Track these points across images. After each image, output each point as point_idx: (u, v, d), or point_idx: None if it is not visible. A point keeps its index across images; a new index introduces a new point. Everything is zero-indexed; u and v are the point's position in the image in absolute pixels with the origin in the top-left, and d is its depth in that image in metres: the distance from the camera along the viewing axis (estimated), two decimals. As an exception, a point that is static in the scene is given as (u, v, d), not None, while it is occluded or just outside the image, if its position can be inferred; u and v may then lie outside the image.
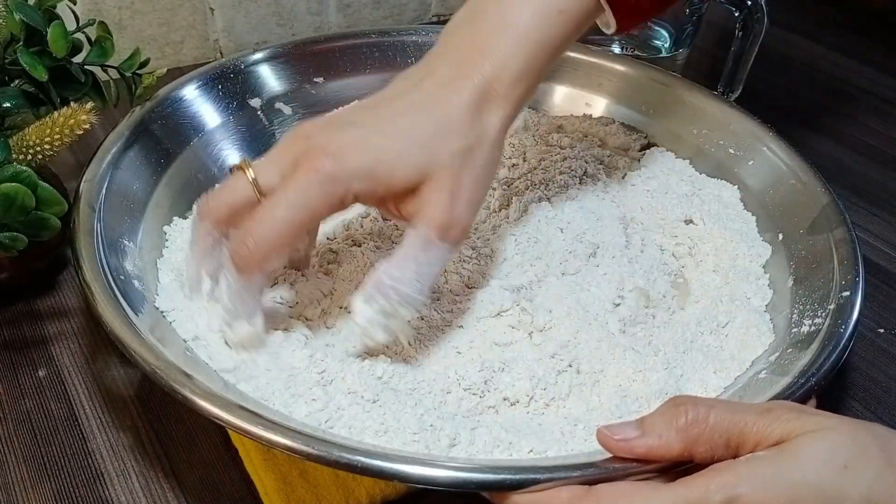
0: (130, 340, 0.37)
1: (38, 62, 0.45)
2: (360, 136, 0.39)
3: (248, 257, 0.37)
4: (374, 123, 0.40)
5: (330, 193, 0.38)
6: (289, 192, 0.37)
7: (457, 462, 0.34)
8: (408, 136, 0.39)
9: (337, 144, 0.38)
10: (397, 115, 0.40)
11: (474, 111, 0.41)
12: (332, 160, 0.38)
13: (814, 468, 0.29)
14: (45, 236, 0.43)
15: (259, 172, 0.39)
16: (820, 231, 0.49)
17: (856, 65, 0.84)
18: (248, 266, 0.38)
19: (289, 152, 0.39)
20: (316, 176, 0.37)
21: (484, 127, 0.41)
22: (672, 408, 0.33)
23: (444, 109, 0.41)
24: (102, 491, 0.40)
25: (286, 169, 0.39)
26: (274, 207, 0.37)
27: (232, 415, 0.34)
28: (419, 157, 0.39)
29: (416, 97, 0.41)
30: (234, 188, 0.39)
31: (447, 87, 0.41)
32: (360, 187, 0.38)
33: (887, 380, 0.49)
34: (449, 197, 0.39)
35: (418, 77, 0.42)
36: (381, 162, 0.39)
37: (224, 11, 0.75)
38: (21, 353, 0.47)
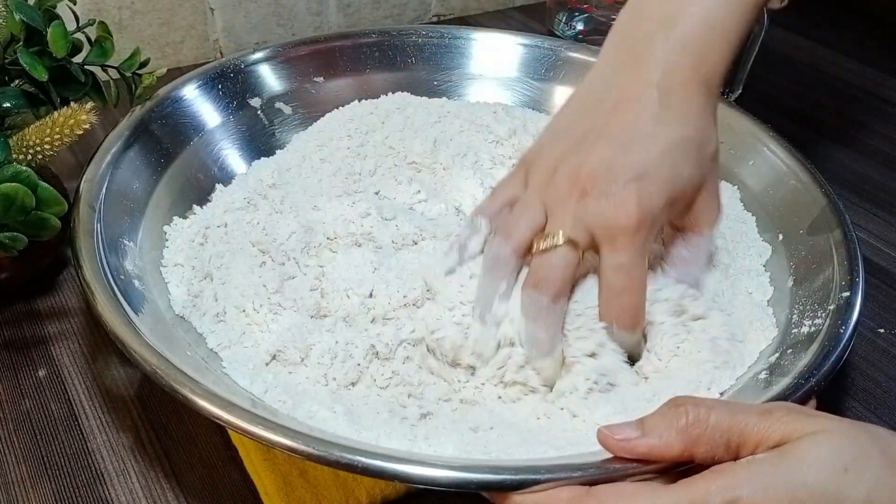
0: (130, 340, 0.37)
1: (38, 62, 0.45)
2: (650, 178, 0.41)
3: (636, 323, 0.41)
4: (648, 159, 0.41)
5: (653, 235, 0.41)
6: (630, 254, 0.40)
7: (457, 462, 0.34)
8: (685, 157, 0.42)
9: (638, 195, 0.40)
10: (667, 138, 0.41)
11: (710, 112, 0.44)
12: (644, 209, 0.40)
13: (814, 471, 0.29)
14: (45, 236, 0.43)
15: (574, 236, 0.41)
16: (820, 231, 0.49)
17: (856, 65, 0.84)
18: (638, 327, 0.42)
19: (593, 211, 0.40)
20: (642, 230, 0.40)
21: (716, 125, 0.44)
22: (673, 408, 0.33)
23: (693, 116, 0.42)
24: (102, 491, 0.40)
25: (599, 229, 0.40)
26: (629, 275, 0.40)
27: (232, 415, 0.34)
28: (698, 175, 0.43)
29: (667, 115, 0.42)
30: (564, 261, 0.41)
31: (686, 95, 0.42)
32: (667, 217, 0.43)
33: (887, 380, 0.49)
34: (714, 199, 0.44)
35: (632, 86, 0.43)
36: (677, 187, 0.41)
37: (224, 11, 0.75)
38: (21, 353, 0.47)
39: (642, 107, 0.42)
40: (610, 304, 0.41)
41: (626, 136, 0.42)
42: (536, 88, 0.64)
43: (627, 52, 0.44)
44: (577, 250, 0.41)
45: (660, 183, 0.40)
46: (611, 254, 0.40)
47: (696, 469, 0.32)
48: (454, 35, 0.65)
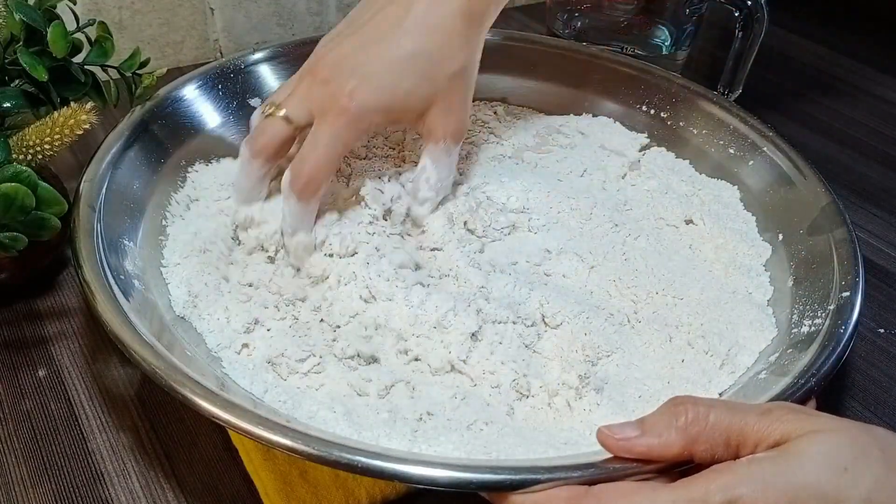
0: (130, 340, 0.37)
1: (38, 62, 0.45)
2: (371, 75, 0.46)
3: (305, 188, 0.45)
4: (378, 58, 0.46)
5: (357, 129, 0.46)
6: (325, 133, 0.45)
7: (457, 462, 0.34)
8: (412, 70, 0.46)
9: (353, 85, 0.45)
10: (396, 45, 0.46)
11: (462, 32, 0.47)
12: (355, 102, 0.45)
13: (814, 470, 0.29)
14: (45, 236, 0.43)
15: (290, 111, 0.47)
16: (820, 231, 0.49)
17: (856, 64, 0.84)
18: (306, 194, 0.45)
19: (311, 94, 0.46)
20: (345, 117, 0.45)
21: (471, 48, 0.48)
22: (672, 407, 0.33)
23: (435, 32, 0.47)
24: (102, 491, 0.40)
25: (315, 109, 0.46)
26: (316, 147, 0.45)
27: (232, 415, 0.34)
28: (425, 89, 0.47)
29: (404, 19, 0.47)
30: (273, 128, 0.47)
31: (434, 7, 0.47)
32: (378, 121, 0.47)
33: (887, 380, 0.49)
34: (455, 115, 0.48)
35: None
36: (396, 98, 0.46)
37: (224, 11, 0.75)
38: (21, 352, 0.47)
39: (394, 11, 0.47)
40: (293, 166, 0.46)
41: (369, 37, 0.47)
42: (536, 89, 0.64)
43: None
44: (291, 125, 0.46)
45: (375, 88, 0.45)
46: (315, 128, 0.46)
47: (696, 469, 0.32)
48: (454, 35, 0.65)
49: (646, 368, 0.44)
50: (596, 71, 0.63)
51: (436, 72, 0.47)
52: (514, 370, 0.42)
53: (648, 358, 0.44)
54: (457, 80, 0.48)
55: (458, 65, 0.47)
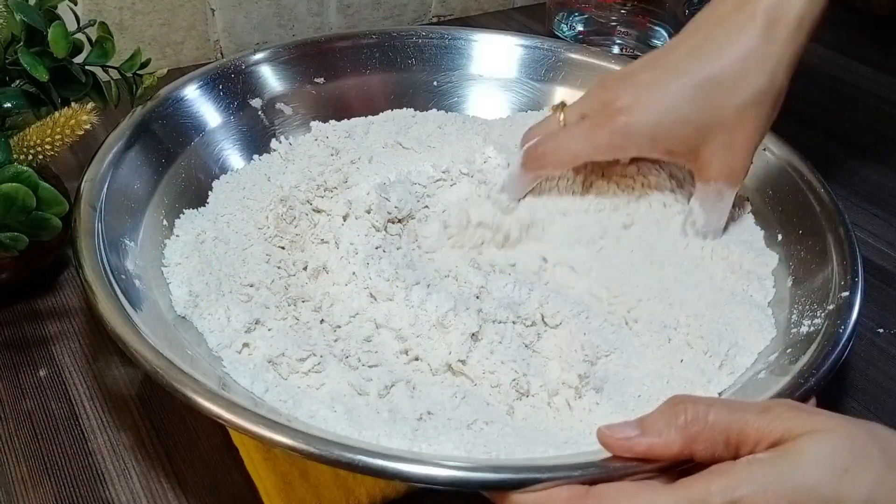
0: (131, 340, 0.37)
1: (38, 62, 0.45)
2: (648, 96, 0.44)
3: (535, 161, 0.47)
4: (663, 83, 0.44)
5: (614, 144, 0.45)
6: (585, 130, 0.46)
7: (457, 461, 0.34)
8: (692, 97, 0.43)
9: (628, 101, 0.44)
10: (685, 72, 0.43)
11: (762, 53, 0.42)
12: (625, 118, 0.44)
13: (814, 471, 0.29)
14: (46, 236, 0.43)
15: (567, 113, 0.48)
16: (820, 231, 0.49)
17: (856, 65, 0.84)
18: (530, 167, 0.47)
19: (590, 101, 0.47)
20: (608, 127, 0.45)
21: (773, 72, 0.43)
22: (671, 407, 0.33)
23: (729, 56, 0.42)
24: (103, 491, 0.40)
25: (588, 112, 0.47)
26: (570, 137, 0.46)
27: (232, 414, 0.34)
28: (704, 119, 0.43)
29: (702, 47, 0.43)
30: (548, 123, 0.49)
31: (731, 31, 0.42)
32: (643, 145, 0.45)
33: (887, 380, 0.49)
34: (736, 153, 0.44)
35: (708, 25, 0.44)
36: (664, 123, 0.44)
37: (225, 12, 0.75)
38: (22, 352, 0.47)
39: (694, 37, 0.44)
40: (542, 137, 0.47)
41: (663, 59, 0.45)
42: (536, 89, 0.64)
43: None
44: (563, 125, 0.47)
45: (648, 110, 0.43)
46: (582, 122, 0.46)
47: (696, 468, 0.32)
48: (454, 36, 0.65)
49: (645, 368, 0.44)
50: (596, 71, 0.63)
51: (722, 101, 0.43)
52: (513, 370, 0.42)
53: (648, 358, 0.44)
54: (747, 111, 0.43)
55: (751, 92, 0.43)
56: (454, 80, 0.64)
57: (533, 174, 0.48)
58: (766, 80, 0.43)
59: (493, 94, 0.64)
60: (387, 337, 0.44)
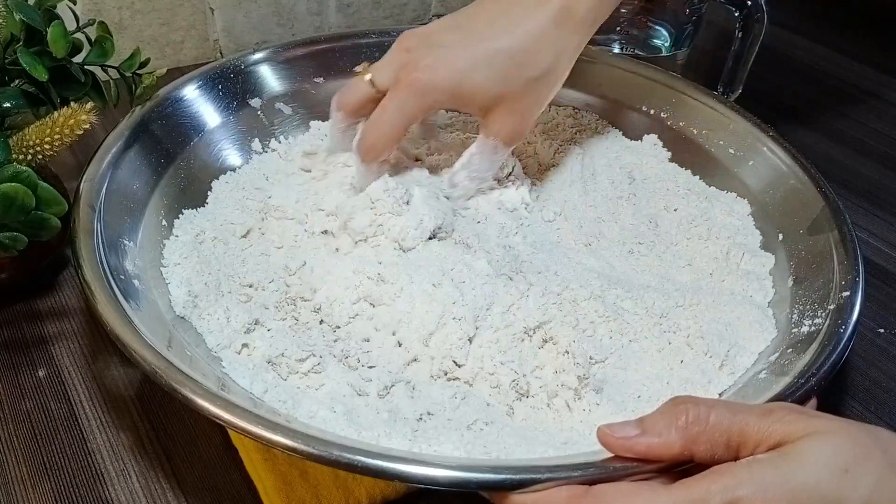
0: (130, 340, 0.37)
1: (38, 62, 0.45)
2: (449, 57, 0.47)
3: (369, 152, 0.49)
4: (462, 45, 0.48)
5: (422, 103, 0.48)
6: (393, 102, 0.48)
7: (457, 462, 0.34)
8: (489, 63, 0.47)
9: (429, 62, 0.47)
10: (483, 38, 0.47)
11: (552, 37, 0.48)
12: (423, 75, 0.47)
13: (814, 472, 0.29)
14: (46, 236, 0.43)
15: (375, 74, 0.49)
16: (820, 231, 0.49)
17: (856, 65, 0.84)
18: (369, 157, 0.49)
19: (395, 61, 0.49)
20: (411, 89, 0.47)
21: (558, 55, 0.48)
22: (672, 407, 0.33)
23: (523, 33, 0.47)
24: (102, 491, 0.40)
25: (393, 75, 0.48)
26: (383, 114, 0.48)
27: (232, 414, 0.34)
28: (497, 87, 0.48)
29: (501, 24, 0.48)
30: (357, 87, 0.50)
31: (529, 13, 0.47)
32: (444, 101, 0.49)
33: (887, 380, 0.49)
34: (518, 118, 0.49)
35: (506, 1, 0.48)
36: (464, 84, 0.47)
37: (224, 11, 0.75)
38: (21, 353, 0.47)
39: (492, 7, 0.48)
40: (363, 128, 0.49)
41: (460, 23, 0.49)
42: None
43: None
44: (373, 88, 0.49)
45: (449, 69, 0.47)
46: (388, 95, 0.48)
47: (696, 469, 0.32)
48: (454, 35, 0.65)
49: (645, 369, 0.44)
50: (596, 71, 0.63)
51: (513, 73, 0.47)
52: (513, 370, 0.42)
53: (647, 359, 0.44)
54: (534, 84, 0.48)
55: (540, 70, 0.48)
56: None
57: (375, 164, 0.50)
58: (551, 61, 0.48)
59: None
60: (386, 337, 0.43)
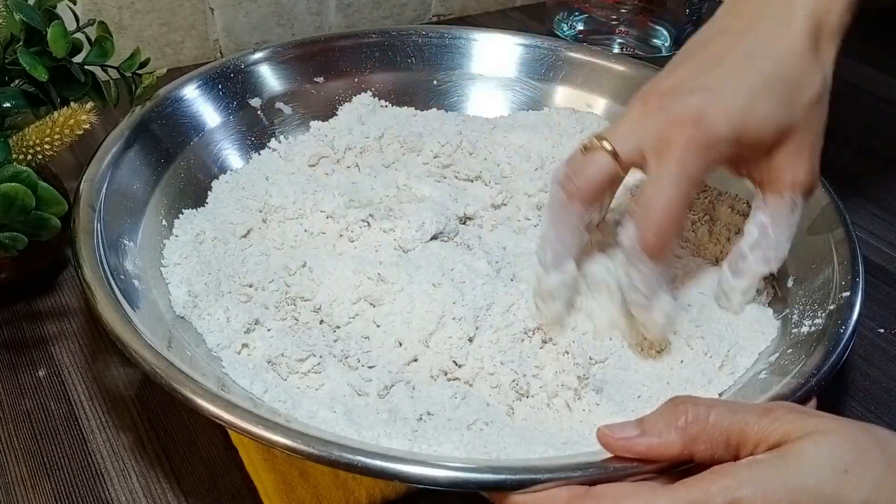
0: (130, 340, 0.37)
1: (38, 62, 0.45)
2: (719, 98, 0.38)
3: (657, 244, 0.38)
4: (728, 81, 0.39)
5: (706, 161, 0.38)
6: (671, 169, 0.38)
7: (457, 462, 0.34)
8: (769, 92, 0.39)
9: (698, 110, 0.38)
10: (746, 68, 0.39)
11: (812, 51, 0.40)
12: (702, 129, 0.38)
13: (814, 472, 0.29)
14: (45, 236, 0.43)
15: (618, 145, 0.39)
16: (820, 231, 0.49)
17: (856, 64, 0.84)
18: (659, 251, 0.38)
19: (646, 125, 0.39)
20: (693, 147, 0.37)
21: (823, 70, 0.40)
22: (672, 407, 0.33)
23: (782, 54, 0.39)
24: (102, 491, 0.40)
25: (648, 142, 0.39)
26: (662, 189, 0.38)
27: (232, 414, 0.34)
28: (784, 117, 0.39)
29: (755, 47, 0.40)
30: (597, 165, 0.39)
31: (781, 32, 0.39)
32: (728, 151, 0.39)
33: (887, 380, 0.49)
34: (810, 156, 0.40)
35: (746, 20, 0.41)
36: (749, 122, 0.38)
37: (224, 11, 0.75)
38: (21, 352, 0.47)
39: (734, 38, 0.40)
40: (638, 218, 0.38)
41: (709, 61, 0.40)
42: (536, 88, 0.64)
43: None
44: (616, 161, 0.39)
45: (728, 108, 0.38)
46: (653, 168, 0.38)
47: (696, 469, 0.32)
48: (454, 35, 0.65)
49: (645, 369, 0.44)
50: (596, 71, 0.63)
51: (795, 97, 0.39)
52: (513, 370, 0.42)
53: (647, 359, 0.44)
54: (815, 110, 0.40)
55: (816, 90, 0.40)
56: (454, 80, 0.64)
57: (663, 257, 0.39)
58: (821, 80, 0.40)
59: (493, 93, 0.64)
60: (387, 337, 0.43)
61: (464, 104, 0.64)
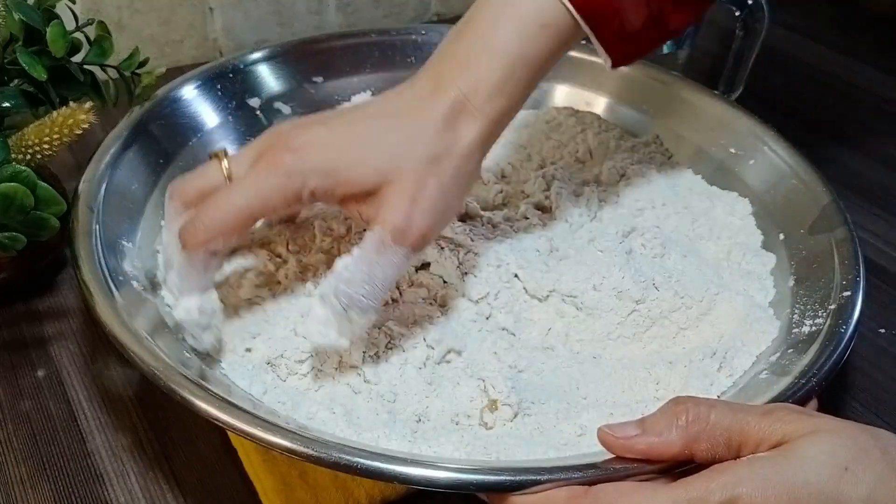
0: (129, 341, 0.37)
1: (37, 62, 0.45)
2: (325, 135, 0.40)
3: (193, 235, 0.39)
4: (344, 126, 0.41)
5: (285, 186, 0.39)
6: (246, 181, 0.40)
7: (456, 463, 0.34)
8: (374, 141, 0.40)
9: (300, 142, 0.40)
10: (369, 120, 0.41)
11: (447, 122, 0.41)
12: (292, 155, 0.39)
13: (814, 470, 0.29)
14: (44, 236, 0.43)
15: (232, 162, 0.41)
16: (821, 231, 0.49)
17: (857, 64, 0.84)
18: (191, 243, 0.39)
19: (257, 148, 0.41)
20: (274, 169, 0.39)
21: (456, 138, 0.41)
22: (673, 407, 0.33)
23: (415, 119, 0.41)
24: (101, 491, 0.39)
25: (253, 161, 0.41)
26: (230, 194, 0.40)
27: (230, 416, 0.34)
28: (381, 161, 0.40)
29: (391, 106, 0.42)
30: (206, 173, 0.41)
31: (423, 99, 0.41)
32: (316, 184, 0.39)
33: (888, 380, 0.49)
34: (408, 201, 0.39)
35: (400, 89, 0.43)
36: (341, 161, 0.40)
37: (223, 11, 0.75)
38: (20, 353, 0.46)
39: (379, 101, 0.43)
40: (197, 208, 0.40)
41: (341, 115, 0.42)
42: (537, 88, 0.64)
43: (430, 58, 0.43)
44: (227, 178, 0.40)
45: (323, 149, 0.40)
46: (241, 177, 0.40)
47: (697, 470, 0.32)
48: (454, 34, 0.65)
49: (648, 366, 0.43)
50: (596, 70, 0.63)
51: (405, 149, 0.40)
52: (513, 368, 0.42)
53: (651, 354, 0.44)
54: (426, 166, 0.40)
55: (430, 150, 0.40)
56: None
57: (201, 253, 0.40)
58: (442, 146, 0.40)
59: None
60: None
61: (464, 104, 0.63)
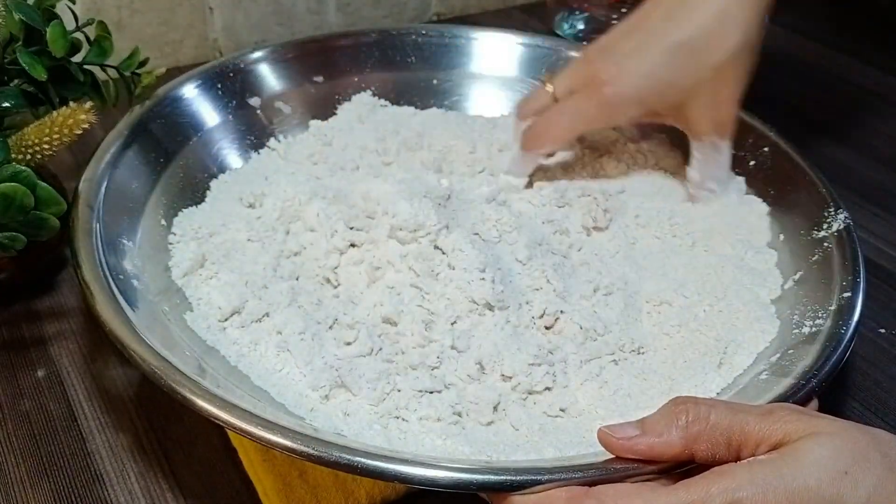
0: (129, 340, 0.37)
1: (37, 62, 0.45)
2: (629, 64, 0.47)
3: (532, 141, 0.52)
4: (640, 49, 0.47)
5: (606, 114, 0.49)
6: (571, 106, 0.50)
7: (457, 463, 0.34)
8: (669, 60, 0.47)
9: (612, 72, 0.48)
10: (658, 36, 0.47)
11: (735, 11, 0.45)
12: (611, 90, 0.48)
13: (814, 473, 0.29)
14: (44, 236, 0.43)
15: (556, 87, 0.51)
16: (821, 231, 0.49)
17: (858, 64, 0.84)
18: (527, 146, 0.52)
19: (578, 73, 0.51)
20: (596, 98, 0.48)
21: (746, 28, 0.46)
22: (673, 407, 0.33)
23: (703, 18, 0.46)
24: (101, 491, 0.39)
25: (576, 85, 0.50)
26: (560, 117, 0.50)
27: (231, 415, 0.34)
28: (686, 80, 0.47)
29: (676, 10, 0.47)
30: (538, 96, 0.53)
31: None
32: (634, 112, 0.49)
33: (888, 380, 0.49)
34: (715, 107, 0.47)
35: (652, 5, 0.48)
36: (652, 91, 0.47)
37: (223, 11, 0.74)
38: (20, 353, 0.46)
39: (658, 1, 0.48)
40: (536, 120, 0.51)
41: (638, 24, 0.48)
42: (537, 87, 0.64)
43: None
44: (554, 99, 0.51)
45: (633, 77, 0.47)
46: (570, 99, 0.50)
47: (698, 470, 0.32)
48: (454, 34, 0.65)
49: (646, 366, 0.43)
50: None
51: (700, 61, 0.46)
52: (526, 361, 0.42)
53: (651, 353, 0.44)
54: (725, 69, 0.46)
55: (726, 52, 0.46)
56: (454, 79, 0.64)
57: (533, 153, 0.52)
58: (740, 38, 0.46)
59: (493, 93, 0.64)
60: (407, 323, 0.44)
61: (464, 104, 0.64)
